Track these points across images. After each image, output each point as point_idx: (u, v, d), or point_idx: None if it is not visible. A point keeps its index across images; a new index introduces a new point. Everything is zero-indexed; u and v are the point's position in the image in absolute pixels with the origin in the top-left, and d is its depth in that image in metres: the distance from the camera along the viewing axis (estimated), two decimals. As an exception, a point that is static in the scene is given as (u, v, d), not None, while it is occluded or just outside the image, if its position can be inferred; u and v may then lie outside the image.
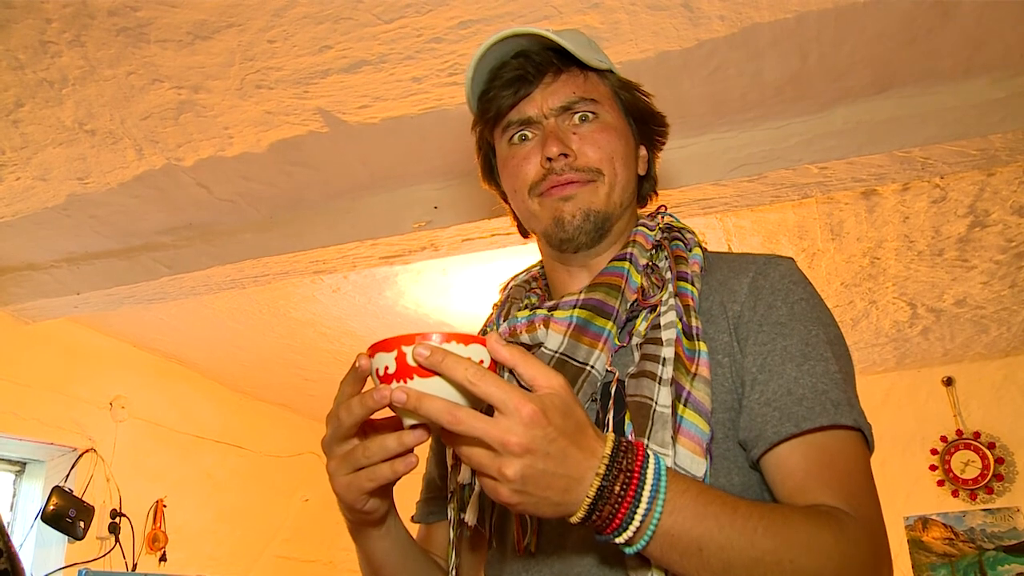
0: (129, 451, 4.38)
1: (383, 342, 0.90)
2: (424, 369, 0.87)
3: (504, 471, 0.84)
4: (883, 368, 5.16)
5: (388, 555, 1.17)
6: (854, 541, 0.95)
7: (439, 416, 0.85)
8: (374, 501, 1.04)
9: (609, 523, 0.88)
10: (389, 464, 0.96)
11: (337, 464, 1.00)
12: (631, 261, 1.19)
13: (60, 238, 3.28)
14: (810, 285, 1.16)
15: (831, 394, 1.04)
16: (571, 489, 0.87)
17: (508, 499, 0.87)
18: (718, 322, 1.13)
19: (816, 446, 1.02)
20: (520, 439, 0.83)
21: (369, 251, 3.11)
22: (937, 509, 4.92)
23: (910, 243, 3.60)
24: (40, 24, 2.12)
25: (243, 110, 2.50)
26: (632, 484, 0.88)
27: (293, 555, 5.58)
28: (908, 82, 2.47)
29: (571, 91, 1.22)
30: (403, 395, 0.86)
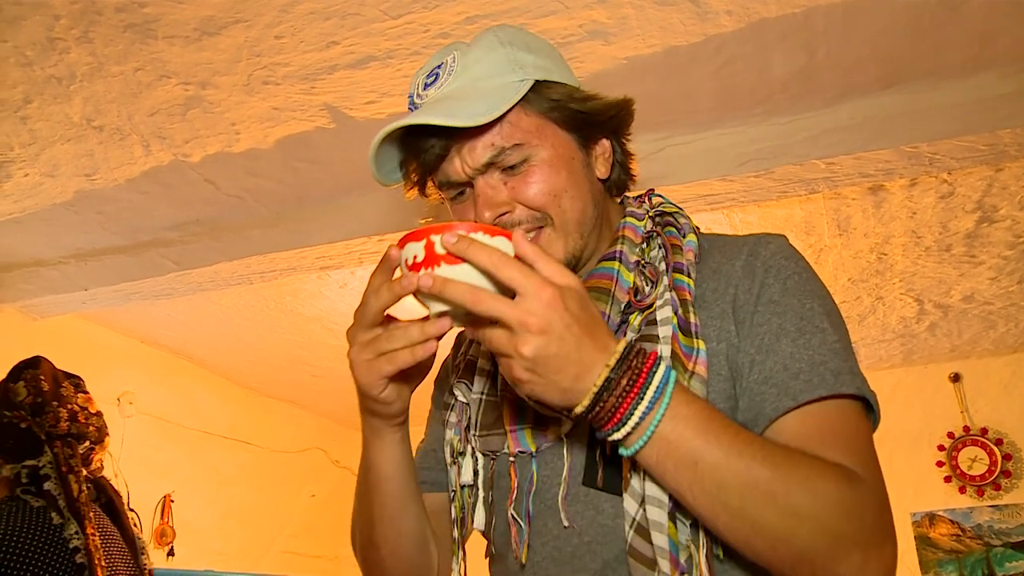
0: (137, 446, 4.39)
1: (413, 232, 0.94)
2: (451, 256, 0.91)
3: (520, 349, 0.87)
4: (890, 364, 5.15)
5: (397, 467, 1.15)
6: (858, 496, 0.93)
7: (462, 297, 0.88)
8: (391, 390, 1.04)
9: (610, 417, 0.90)
10: (410, 349, 0.97)
11: (360, 349, 1.01)
12: (621, 260, 1.15)
13: (68, 234, 3.29)
14: (802, 260, 1.13)
15: (830, 364, 1.01)
16: (581, 377, 0.89)
17: (520, 376, 0.89)
18: (712, 308, 1.10)
19: (815, 414, 1.00)
20: (538, 319, 0.86)
21: (376, 247, 3.11)
22: (944, 505, 4.91)
23: (917, 239, 3.59)
24: (48, 21, 2.13)
25: (250, 106, 2.51)
26: (639, 381, 0.89)
27: (300, 550, 5.59)
28: (916, 77, 2.46)
29: (490, 144, 1.10)
30: (429, 280, 0.89)
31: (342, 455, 6.15)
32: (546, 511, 1.11)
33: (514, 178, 1.11)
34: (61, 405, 2.09)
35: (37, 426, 2.02)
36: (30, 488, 1.95)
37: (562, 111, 1.14)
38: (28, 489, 1.95)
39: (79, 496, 1.98)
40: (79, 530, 1.91)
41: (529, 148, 1.11)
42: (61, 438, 2.05)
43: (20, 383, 2.09)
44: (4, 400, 2.07)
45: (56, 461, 1.99)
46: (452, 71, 1.12)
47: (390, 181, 1.19)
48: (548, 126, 1.14)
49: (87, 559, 1.89)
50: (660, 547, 0.96)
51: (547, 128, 1.13)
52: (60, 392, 2.12)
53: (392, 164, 1.18)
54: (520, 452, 1.13)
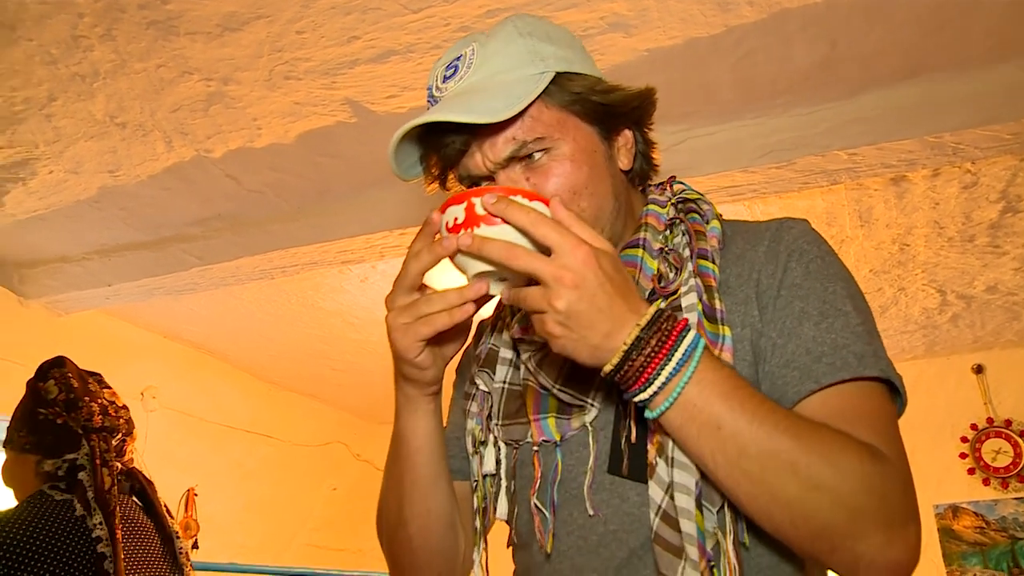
0: (160, 441, 4.43)
1: (454, 196, 0.97)
2: (490, 216, 0.94)
3: (554, 302, 0.89)
4: (912, 355, 5.11)
5: (428, 439, 1.16)
6: (882, 474, 0.92)
7: (499, 254, 0.91)
8: (427, 355, 1.06)
9: (637, 377, 0.91)
10: (447, 312, 0.99)
11: (398, 313, 1.03)
12: (644, 247, 1.14)
13: (92, 230, 3.32)
14: (825, 243, 1.12)
15: (853, 347, 1.00)
16: (611, 335, 0.91)
17: (552, 330, 0.91)
18: (736, 293, 1.09)
19: (838, 396, 0.99)
20: (573, 275, 0.89)
21: (397, 240, 3.12)
22: (968, 497, 4.88)
23: (940, 229, 3.57)
24: (72, 19, 2.14)
25: (272, 101, 2.52)
26: (668, 343, 0.91)
27: (322, 543, 5.63)
28: (939, 67, 2.44)
29: (511, 138, 1.08)
30: (468, 239, 0.93)
31: (363, 449, 6.18)
32: (571, 500, 1.10)
33: (535, 172, 1.09)
34: (92, 400, 2.12)
35: (73, 421, 2.05)
36: (58, 484, 1.97)
37: (584, 104, 1.12)
38: (56, 485, 1.97)
39: (110, 488, 2.00)
40: (103, 521, 1.94)
41: (550, 142, 1.09)
42: (96, 431, 2.08)
43: (50, 381, 2.11)
44: (37, 399, 2.09)
45: (92, 453, 2.02)
46: (471, 64, 1.11)
47: (410, 176, 1.18)
48: (570, 119, 1.12)
49: (110, 548, 1.91)
50: (688, 534, 0.95)
51: (569, 121, 1.12)
52: (88, 388, 2.15)
53: (412, 159, 1.17)
54: (544, 441, 1.13)
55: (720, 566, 0.96)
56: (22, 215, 3.17)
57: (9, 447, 2.10)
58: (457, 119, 1.02)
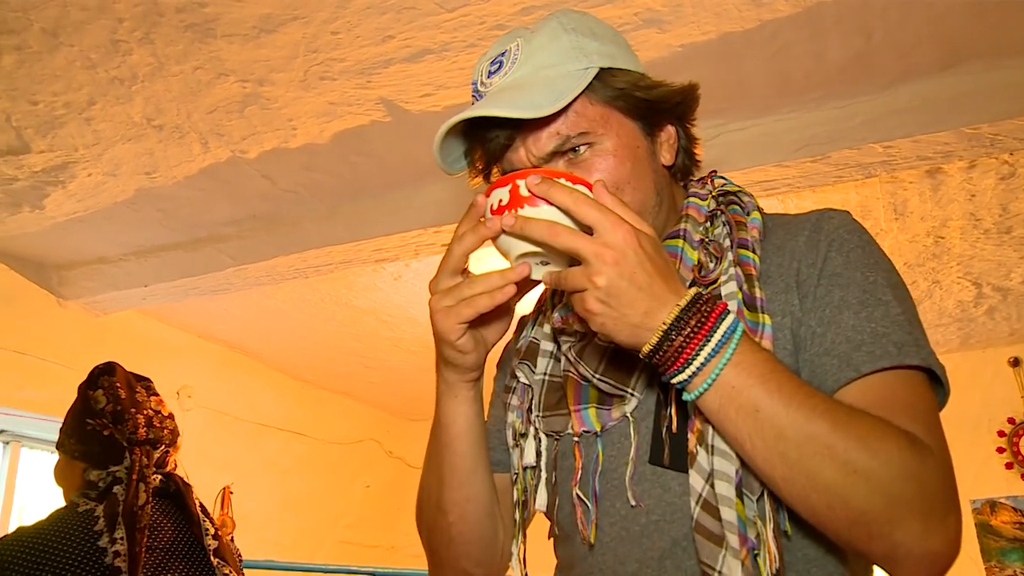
0: (196, 439, 4.47)
1: (500, 179, 0.99)
2: (534, 198, 0.95)
3: (594, 278, 0.90)
4: (946, 349, 5.07)
5: (468, 427, 1.17)
6: (920, 460, 0.91)
7: (541, 234, 0.92)
8: (468, 339, 1.07)
9: (676, 358, 0.91)
10: (489, 294, 1.00)
11: (441, 296, 1.04)
12: (685, 238, 1.14)
13: (129, 232, 3.36)
14: (866, 233, 1.11)
15: (893, 336, 1.00)
16: (651, 313, 0.91)
17: (592, 307, 0.91)
18: (776, 283, 1.09)
19: (877, 384, 0.98)
20: (614, 252, 0.89)
21: (432, 238, 3.13)
22: (1006, 492, 4.83)
23: (976, 221, 3.54)
24: (112, 24, 2.17)
25: (307, 101, 2.54)
26: (707, 324, 0.91)
27: (356, 540, 5.66)
28: (976, 57, 2.42)
29: (555, 133, 1.09)
30: (511, 219, 0.94)
31: (396, 446, 6.21)
32: (612, 491, 1.11)
33: (578, 167, 1.10)
34: (139, 412, 2.13)
35: (119, 433, 2.07)
36: (89, 492, 2.00)
37: (627, 99, 1.13)
38: (87, 493, 2.00)
39: (143, 505, 2.02)
40: (124, 536, 1.95)
41: (594, 137, 1.10)
42: (140, 444, 2.09)
43: (99, 391, 2.12)
44: (86, 408, 2.11)
45: (131, 467, 2.04)
46: (516, 59, 1.12)
47: (455, 170, 1.19)
48: (613, 115, 1.12)
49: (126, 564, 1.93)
50: (728, 522, 0.95)
51: (612, 117, 1.12)
52: (136, 398, 2.16)
53: (457, 153, 1.18)
54: (584, 432, 1.13)
55: (761, 554, 0.96)
56: (61, 218, 3.22)
57: (61, 451, 2.13)
58: (502, 114, 1.03)
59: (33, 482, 3.98)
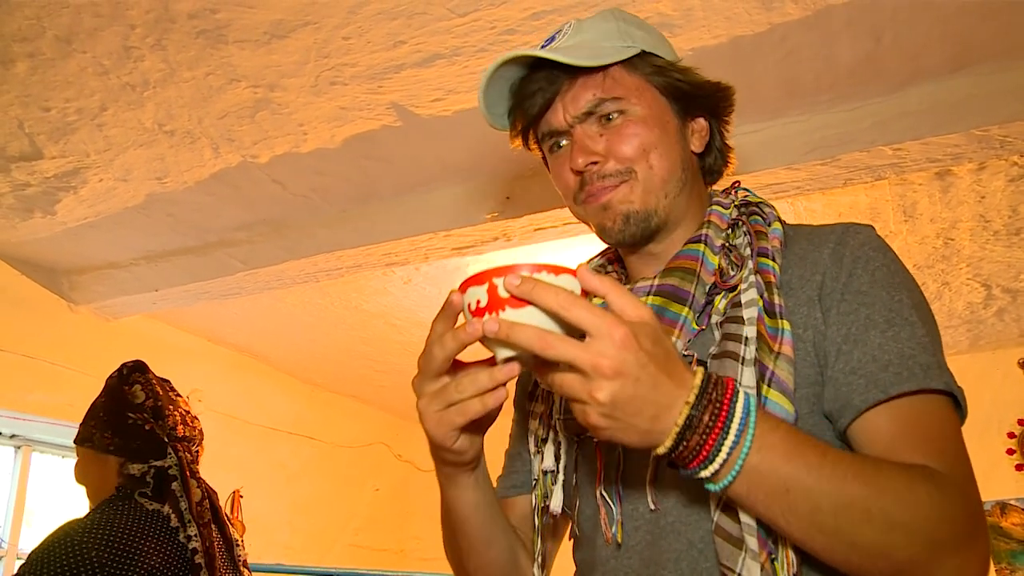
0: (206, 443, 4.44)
1: (474, 276, 0.90)
2: (515, 299, 0.87)
3: (595, 394, 0.83)
4: (956, 351, 5.05)
5: (475, 509, 1.15)
6: (950, 500, 0.91)
7: (530, 342, 0.84)
8: (464, 440, 1.02)
9: (696, 455, 0.87)
10: (480, 398, 0.94)
11: (428, 401, 0.98)
12: (706, 243, 1.17)
13: (139, 237, 3.37)
14: (891, 251, 1.12)
15: (919, 358, 1.01)
16: (660, 416, 0.86)
17: (597, 422, 0.86)
18: (798, 294, 1.10)
19: (904, 409, 0.99)
20: (612, 362, 0.83)
21: (442, 243, 3.14)
22: (1016, 494, 4.81)
23: (986, 223, 3.53)
24: (124, 30, 2.18)
25: (317, 106, 2.55)
26: (721, 415, 0.86)
27: (365, 544, 5.67)
28: (986, 59, 2.41)
29: (591, 94, 1.17)
30: (495, 325, 0.86)
31: (405, 449, 6.22)
32: (633, 492, 1.11)
33: (609, 131, 1.17)
34: (175, 409, 2.14)
35: (160, 428, 2.06)
36: (146, 491, 1.98)
37: (663, 76, 1.20)
38: (144, 492, 1.98)
39: (201, 501, 2.03)
40: (197, 533, 1.96)
41: (627, 104, 1.17)
42: (179, 441, 2.09)
43: (136, 386, 2.12)
44: (124, 402, 2.09)
45: (180, 464, 2.03)
46: (566, 34, 1.21)
47: (498, 124, 1.26)
48: (648, 89, 1.19)
49: (206, 560, 1.93)
50: (747, 524, 0.96)
51: (647, 90, 1.19)
52: (169, 395, 2.17)
53: (500, 110, 1.24)
54: None
55: (779, 559, 0.96)
56: (72, 223, 3.23)
57: (88, 446, 2.09)
58: (544, 55, 1.12)
59: (43, 486, 4.00)
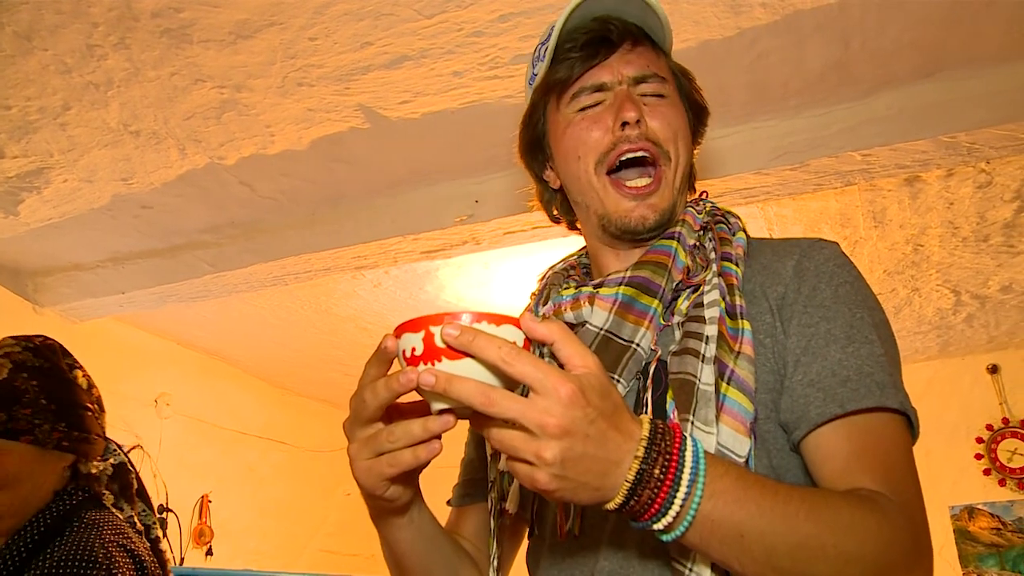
0: (174, 447, 4.44)
1: (409, 322, 0.86)
2: (453, 350, 0.82)
3: (542, 454, 0.80)
4: (926, 356, 5.08)
5: (411, 545, 1.13)
6: (897, 527, 0.92)
7: (471, 398, 0.80)
8: (396, 488, 0.99)
9: (647, 508, 0.85)
10: (412, 450, 0.90)
11: (358, 448, 0.95)
12: (679, 240, 1.19)
13: (105, 238, 3.33)
14: (855, 268, 1.14)
15: (876, 376, 1.02)
16: (609, 473, 0.83)
17: (546, 485, 0.82)
18: (760, 303, 1.12)
19: (860, 428, 1.00)
20: (559, 420, 0.79)
21: (411, 246, 3.12)
22: (984, 499, 4.85)
23: (954, 229, 3.55)
24: (87, 28, 2.15)
25: (285, 108, 2.52)
26: (672, 467, 0.84)
27: (336, 549, 5.63)
28: (954, 66, 2.43)
29: (646, 64, 1.22)
30: (431, 377, 0.81)
31: (376, 454, 6.17)
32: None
33: (649, 106, 1.21)
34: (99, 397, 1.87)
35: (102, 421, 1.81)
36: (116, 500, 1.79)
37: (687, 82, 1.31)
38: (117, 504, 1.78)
39: None
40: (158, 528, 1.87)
41: (667, 89, 1.24)
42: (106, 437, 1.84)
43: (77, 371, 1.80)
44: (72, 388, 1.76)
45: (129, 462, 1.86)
46: None
47: None
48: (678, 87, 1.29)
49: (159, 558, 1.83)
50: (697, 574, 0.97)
51: (677, 87, 1.28)
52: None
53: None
54: None
55: None
56: (36, 224, 3.18)
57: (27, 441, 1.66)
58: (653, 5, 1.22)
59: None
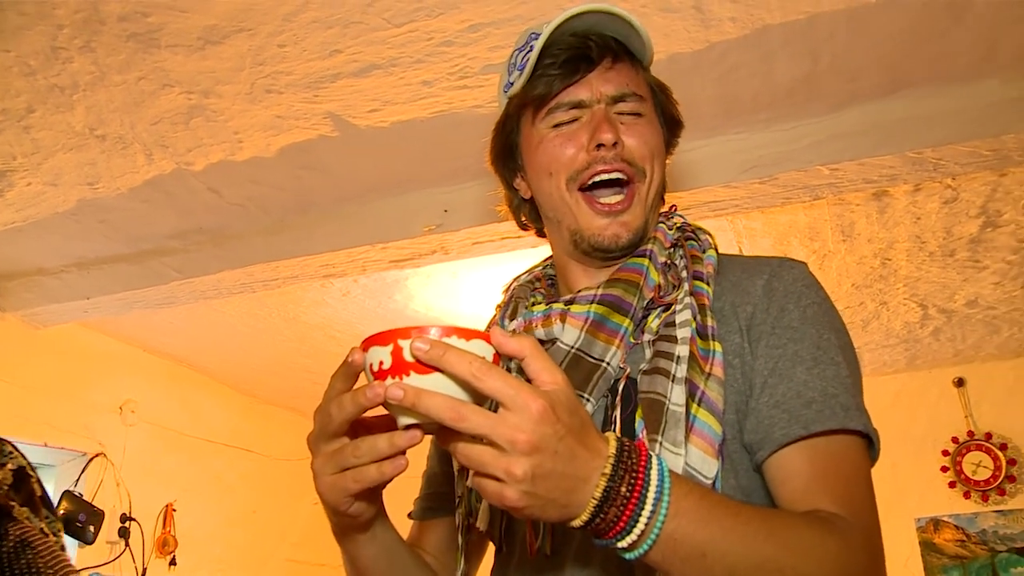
0: (139, 455, 4.39)
1: (378, 335, 0.85)
2: (422, 365, 0.82)
3: (512, 470, 0.79)
4: (893, 369, 5.13)
5: (374, 561, 1.12)
6: (855, 549, 0.94)
7: (441, 413, 0.80)
8: (359, 504, 0.98)
9: (613, 526, 0.84)
10: (377, 466, 0.89)
11: (323, 463, 0.94)
12: (650, 258, 1.19)
13: (70, 243, 3.29)
14: (822, 290, 1.16)
15: (841, 398, 1.03)
16: (577, 490, 0.83)
17: (515, 502, 0.81)
18: (729, 323, 1.12)
19: (821, 450, 1.02)
20: (530, 437, 0.79)
21: (379, 255, 3.11)
22: (949, 511, 4.89)
23: (921, 244, 3.59)
24: (51, 30, 2.12)
25: (253, 114, 2.50)
26: (638, 485, 0.84)
27: (303, 559, 5.58)
28: (920, 83, 2.45)
29: (625, 82, 1.21)
30: (400, 391, 0.81)
31: (344, 463, 6.13)
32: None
33: (626, 124, 1.20)
34: None
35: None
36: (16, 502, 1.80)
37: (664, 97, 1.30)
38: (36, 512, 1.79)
39: None
40: None
41: (645, 108, 1.23)
42: None
43: None
44: None
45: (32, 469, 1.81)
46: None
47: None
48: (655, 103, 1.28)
49: None
50: None
51: (654, 102, 1.27)
52: None
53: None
54: None
55: None
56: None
57: None
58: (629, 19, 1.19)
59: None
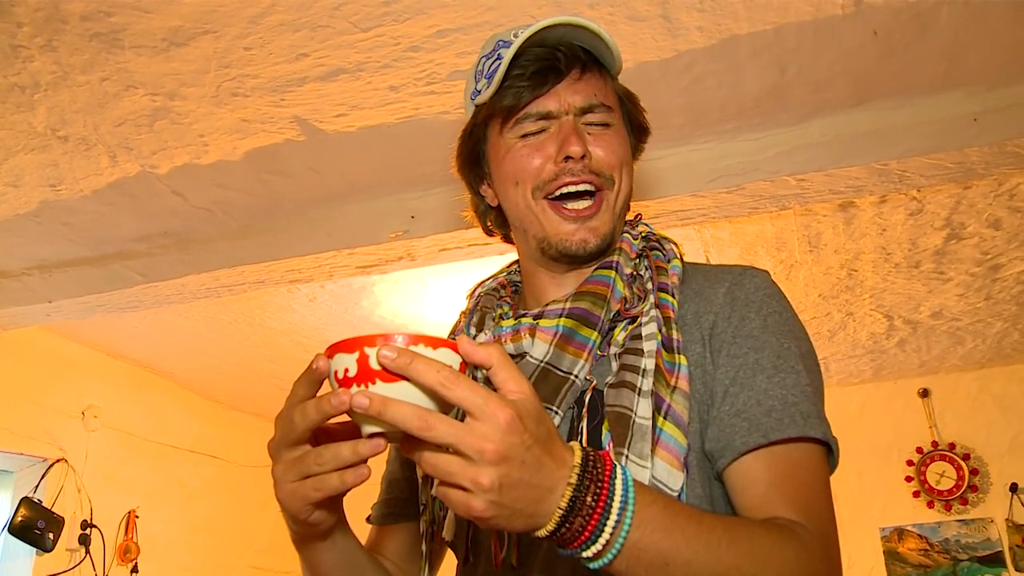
0: (101, 461, 4.33)
1: (343, 342, 0.84)
2: (388, 373, 0.81)
3: (479, 480, 0.79)
4: (859, 380, 5.18)
5: (334, 569, 1.11)
6: (813, 556, 0.95)
7: (408, 422, 0.79)
8: (320, 512, 0.97)
9: (578, 536, 0.84)
10: (339, 474, 0.88)
11: (284, 470, 0.92)
12: (617, 270, 1.19)
13: (32, 245, 3.24)
14: (784, 298, 1.16)
15: (801, 406, 1.04)
16: (543, 500, 0.83)
17: (482, 512, 0.81)
18: (691, 331, 1.13)
19: (781, 458, 1.03)
20: (497, 446, 0.79)
21: (346, 260, 3.08)
22: (913, 520, 4.94)
23: (887, 255, 3.61)
24: (11, 28, 2.09)
25: (219, 117, 2.48)
26: (603, 495, 0.84)
27: (267, 566, 5.53)
28: (886, 95, 2.47)
29: (593, 93, 1.21)
30: (365, 400, 0.80)
31: (311, 469, 6.09)
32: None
33: (595, 135, 1.21)
34: None
35: None
36: None
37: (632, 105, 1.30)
38: None
39: None
40: None
41: (612, 118, 1.23)
42: None
43: None
44: None
45: None
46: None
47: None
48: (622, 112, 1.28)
49: None
50: None
51: (622, 112, 1.28)
52: None
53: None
54: None
55: None
56: (-42, 229, 3.09)
57: None
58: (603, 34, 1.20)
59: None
